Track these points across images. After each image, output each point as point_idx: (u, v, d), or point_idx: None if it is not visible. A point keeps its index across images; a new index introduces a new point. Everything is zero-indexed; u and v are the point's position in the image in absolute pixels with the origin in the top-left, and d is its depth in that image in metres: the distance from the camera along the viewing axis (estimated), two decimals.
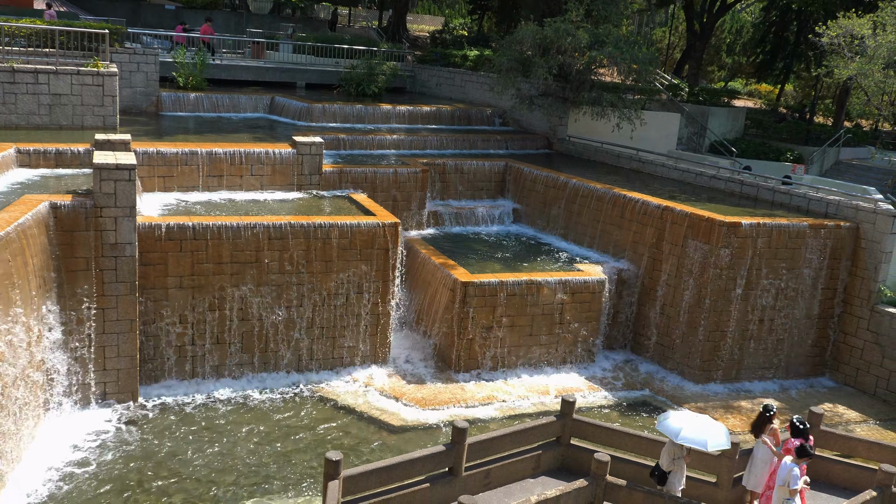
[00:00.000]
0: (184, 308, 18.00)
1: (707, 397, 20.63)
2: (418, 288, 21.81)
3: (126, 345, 17.12)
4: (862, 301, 21.92)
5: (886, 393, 21.36)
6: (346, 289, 19.40)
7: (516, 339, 20.71)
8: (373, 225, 19.38)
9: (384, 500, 12.25)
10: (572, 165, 28.22)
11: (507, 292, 20.19)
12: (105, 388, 17.17)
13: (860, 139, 40.53)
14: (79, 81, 22.62)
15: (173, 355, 18.19)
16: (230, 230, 18.03)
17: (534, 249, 23.89)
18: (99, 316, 16.67)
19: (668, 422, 12.41)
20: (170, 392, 18.05)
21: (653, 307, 22.22)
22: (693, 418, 12.42)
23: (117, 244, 16.53)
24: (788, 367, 22.44)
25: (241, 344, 18.73)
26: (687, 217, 21.29)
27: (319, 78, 35.38)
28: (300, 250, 18.73)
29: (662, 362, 22.07)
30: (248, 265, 18.32)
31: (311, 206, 21.11)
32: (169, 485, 14.60)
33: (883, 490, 12.49)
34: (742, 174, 25.95)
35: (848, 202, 22.28)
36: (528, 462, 14.02)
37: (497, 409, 18.97)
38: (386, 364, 20.36)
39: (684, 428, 12.08)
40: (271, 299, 18.71)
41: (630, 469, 13.87)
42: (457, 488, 13.00)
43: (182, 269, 17.79)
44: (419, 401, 18.79)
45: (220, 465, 15.43)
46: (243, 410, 17.68)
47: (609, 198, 23.64)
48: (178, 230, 17.64)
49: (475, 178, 27.02)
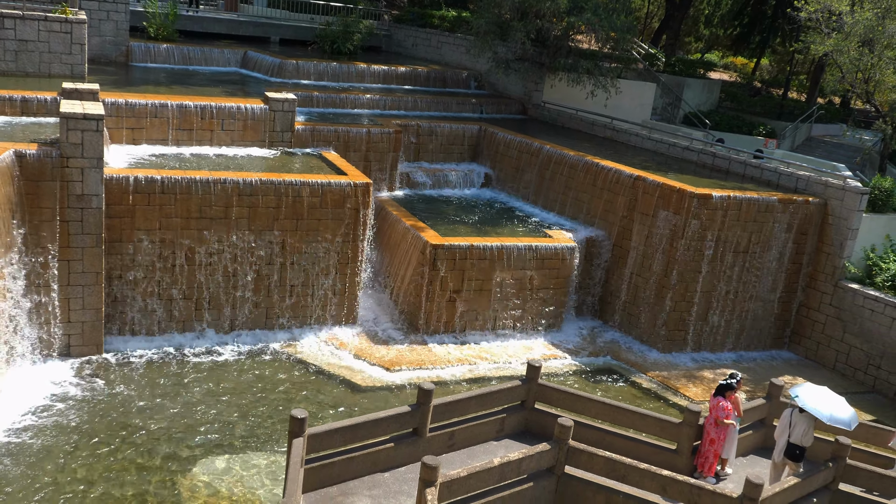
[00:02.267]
0: (151, 262, 17.81)
1: (670, 366, 20.91)
2: (388, 249, 21.76)
3: (91, 297, 16.92)
4: (826, 277, 22.25)
5: (845, 367, 21.80)
6: (315, 248, 19.30)
7: (484, 303, 20.78)
8: (344, 184, 19.23)
9: (348, 458, 12.31)
10: (546, 132, 28.15)
11: (477, 256, 20.21)
12: (69, 341, 16.99)
13: (833, 116, 40.82)
14: (46, 28, 22.02)
15: (139, 309, 18.02)
16: (199, 185, 17.79)
17: (505, 214, 23.89)
18: (64, 268, 16.44)
19: (814, 404, 12.74)
20: (135, 346, 17.92)
21: (621, 276, 22.39)
22: (825, 395, 12.91)
23: (83, 195, 16.26)
24: (751, 339, 22.79)
25: (209, 300, 18.60)
26: (658, 187, 21.38)
27: (294, 34, 34.77)
28: (270, 207, 18.55)
29: (628, 330, 22.31)
30: (217, 221, 18.12)
31: (283, 163, 20.89)
32: (132, 439, 14.55)
33: (837, 461, 12.78)
34: (715, 147, 26.07)
35: (817, 178, 22.50)
36: (493, 425, 14.14)
37: (463, 372, 19.09)
38: (354, 324, 20.35)
39: (822, 405, 12.65)
40: (240, 256, 18.56)
41: (592, 434, 14.03)
42: (421, 449, 13.09)
43: (150, 222, 17.55)
44: (386, 362, 18.84)
45: (185, 420, 15.39)
46: (209, 367, 17.61)
47: (582, 165, 23.65)
48: (146, 183, 17.38)
49: (449, 140, 26.87)
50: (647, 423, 14.10)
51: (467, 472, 10.99)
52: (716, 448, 13.50)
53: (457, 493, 10.96)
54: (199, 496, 13.19)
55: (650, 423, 14.07)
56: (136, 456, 14.09)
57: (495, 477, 11.37)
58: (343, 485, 12.25)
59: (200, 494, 13.24)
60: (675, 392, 19.43)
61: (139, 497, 13.04)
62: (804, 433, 12.96)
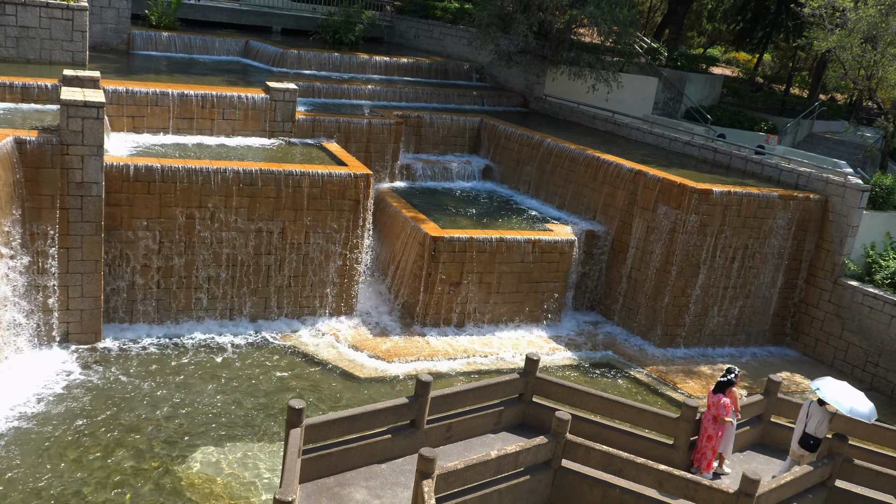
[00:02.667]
0: (150, 251, 17.80)
1: (668, 361, 20.93)
2: (388, 241, 21.74)
3: (90, 285, 16.91)
4: (826, 273, 22.25)
5: (843, 364, 21.81)
6: (315, 238, 19.28)
7: (484, 296, 20.78)
8: (345, 175, 19.20)
9: (345, 449, 12.32)
10: (547, 125, 28.10)
11: (476, 249, 20.20)
12: (68, 329, 17.00)
13: (834, 112, 40.78)
14: (48, 14, 21.95)
15: (138, 298, 18.02)
16: (200, 174, 17.76)
17: (505, 207, 23.87)
18: (63, 255, 16.43)
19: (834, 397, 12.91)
20: (134, 335, 17.93)
21: (620, 270, 22.39)
22: (845, 389, 13.13)
23: (83, 183, 16.24)
24: (750, 335, 22.80)
25: (208, 289, 18.60)
26: (659, 182, 21.35)
27: (296, 24, 34.67)
28: (270, 198, 18.53)
29: (627, 325, 22.32)
30: (216, 210, 18.10)
31: (283, 153, 20.86)
32: (129, 427, 14.56)
33: (834, 458, 12.80)
34: (716, 142, 26.03)
35: (818, 175, 22.47)
36: (490, 417, 14.15)
37: (461, 364, 19.10)
38: (352, 316, 20.36)
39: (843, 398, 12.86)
40: (239, 246, 18.55)
41: (590, 428, 14.05)
42: (418, 440, 13.10)
43: (150, 211, 17.54)
44: (384, 353, 18.85)
45: (183, 409, 15.41)
46: (207, 356, 17.62)
47: (582, 159, 23.62)
48: (146, 172, 17.34)
49: (450, 133, 26.83)
50: (644, 417, 14.11)
51: (464, 465, 11.00)
52: (713, 444, 13.51)
53: (453, 486, 10.98)
54: (195, 485, 13.21)
55: (647, 418, 14.09)
56: (132, 444, 14.10)
57: (492, 470, 11.39)
58: (340, 475, 12.27)
59: (197, 483, 13.26)
60: (673, 387, 19.45)
61: (136, 486, 13.05)
62: (819, 424, 13.10)
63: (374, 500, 11.84)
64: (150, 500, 12.78)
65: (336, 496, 11.79)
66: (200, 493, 13.05)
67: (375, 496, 11.92)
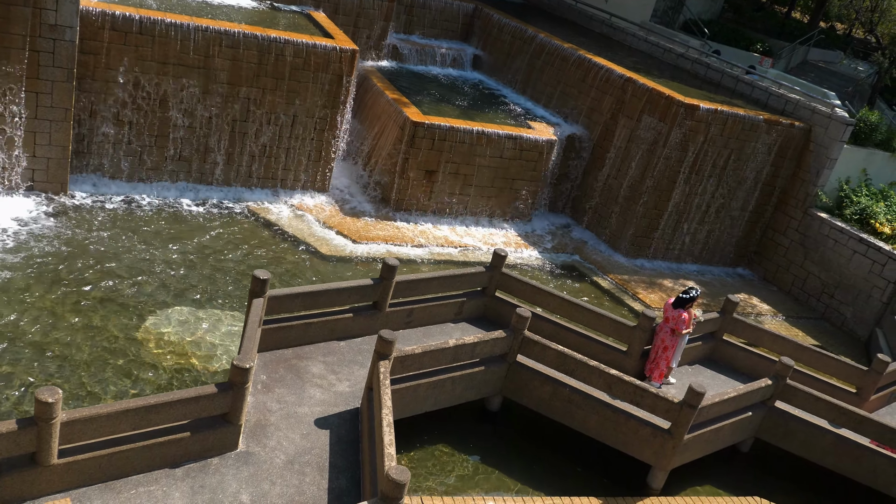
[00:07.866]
0: (123, 104, 17.31)
1: (633, 271, 21.19)
2: (368, 120, 21.38)
3: (59, 134, 16.49)
4: (797, 202, 22.40)
5: (800, 292, 22.26)
6: (294, 110, 18.88)
7: (458, 187, 20.68)
8: (330, 48, 18.65)
9: (306, 323, 12.44)
10: (543, 20, 27.39)
11: (456, 139, 19.95)
12: (33, 176, 16.66)
13: (832, 41, 40.19)
14: None
15: (108, 152, 17.64)
16: (179, 29, 17.12)
17: (490, 100, 23.49)
18: (31, 100, 15.92)
19: None
20: (101, 189, 17.66)
21: (597, 177, 22.33)
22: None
23: (57, 26, 15.58)
24: (714, 254, 23.10)
25: (180, 149, 18.25)
26: (647, 92, 21.06)
27: None
28: (252, 63, 17.99)
29: (598, 231, 22.44)
30: (195, 70, 17.56)
31: (267, 17, 20.14)
32: (89, 279, 14.49)
33: (778, 380, 13.19)
34: (710, 57, 25.61)
35: (806, 103, 22.29)
36: (452, 307, 14.32)
37: (428, 252, 19.17)
38: (325, 193, 20.20)
39: None
40: (216, 109, 18.11)
41: (548, 327, 14.30)
42: (379, 322, 13.26)
43: (124, 63, 16.96)
44: (353, 233, 18.82)
45: (145, 267, 15.34)
46: (175, 217, 17.45)
47: (573, 59, 23.16)
48: (123, 21, 16.66)
49: (442, 16, 26.07)
50: (602, 322, 14.38)
51: (422, 350, 11.17)
52: (668, 355, 13.85)
53: (410, 369, 11.17)
54: (154, 345, 13.27)
55: (605, 323, 14.36)
56: (88, 299, 14.06)
57: (448, 357, 11.59)
58: (299, 348, 12.43)
59: (155, 343, 13.31)
60: (633, 296, 19.76)
61: (93, 340, 13.07)
62: None
63: (330, 374, 12.04)
64: (99, 354, 12.81)
65: (293, 367, 11.96)
66: (151, 353, 13.01)
67: (332, 371, 12.12)
